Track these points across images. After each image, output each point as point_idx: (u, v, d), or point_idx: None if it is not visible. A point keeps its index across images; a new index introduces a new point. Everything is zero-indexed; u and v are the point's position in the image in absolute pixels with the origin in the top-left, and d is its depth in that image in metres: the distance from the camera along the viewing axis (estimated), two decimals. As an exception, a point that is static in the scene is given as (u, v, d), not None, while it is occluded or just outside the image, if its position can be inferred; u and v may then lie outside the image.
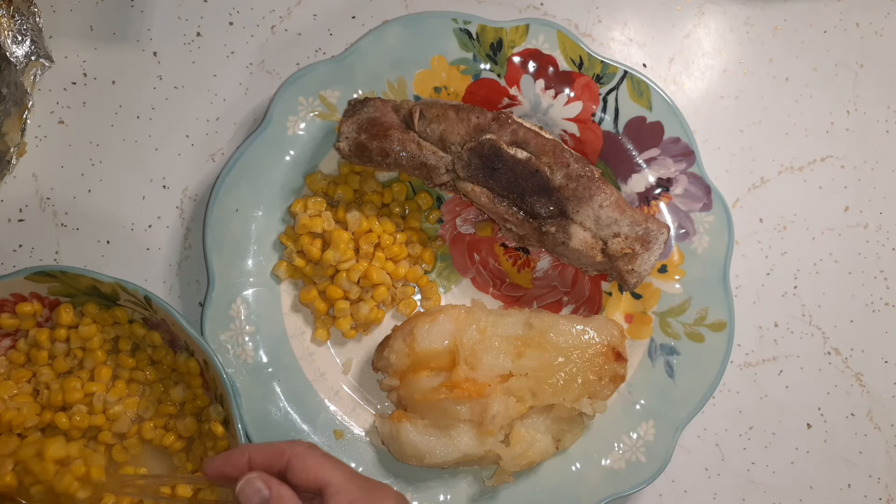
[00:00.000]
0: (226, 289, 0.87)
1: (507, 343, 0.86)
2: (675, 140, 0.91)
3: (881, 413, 1.01)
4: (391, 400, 0.91)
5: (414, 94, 0.91)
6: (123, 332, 0.85)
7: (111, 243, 0.92)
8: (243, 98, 0.95)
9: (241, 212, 0.88)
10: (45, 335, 0.83)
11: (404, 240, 0.92)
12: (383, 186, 0.93)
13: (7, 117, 0.87)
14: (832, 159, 1.03)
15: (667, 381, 0.90)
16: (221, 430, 0.82)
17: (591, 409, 0.87)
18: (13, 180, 0.91)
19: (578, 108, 0.91)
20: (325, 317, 0.91)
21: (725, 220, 0.91)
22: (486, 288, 0.95)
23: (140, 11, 0.95)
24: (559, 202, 0.85)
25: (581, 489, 0.89)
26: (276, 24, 0.96)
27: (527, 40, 0.90)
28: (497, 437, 0.85)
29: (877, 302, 1.02)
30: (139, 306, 0.82)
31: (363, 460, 0.89)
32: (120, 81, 0.94)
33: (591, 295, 0.95)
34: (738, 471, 0.98)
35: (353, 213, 0.89)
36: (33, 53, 0.88)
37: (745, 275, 1.00)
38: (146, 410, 0.84)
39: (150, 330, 0.84)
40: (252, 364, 0.87)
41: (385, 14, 0.96)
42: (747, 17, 1.03)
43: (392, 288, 0.91)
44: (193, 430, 0.84)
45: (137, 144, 0.93)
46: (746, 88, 1.02)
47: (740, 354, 0.99)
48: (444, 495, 0.89)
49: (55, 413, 0.82)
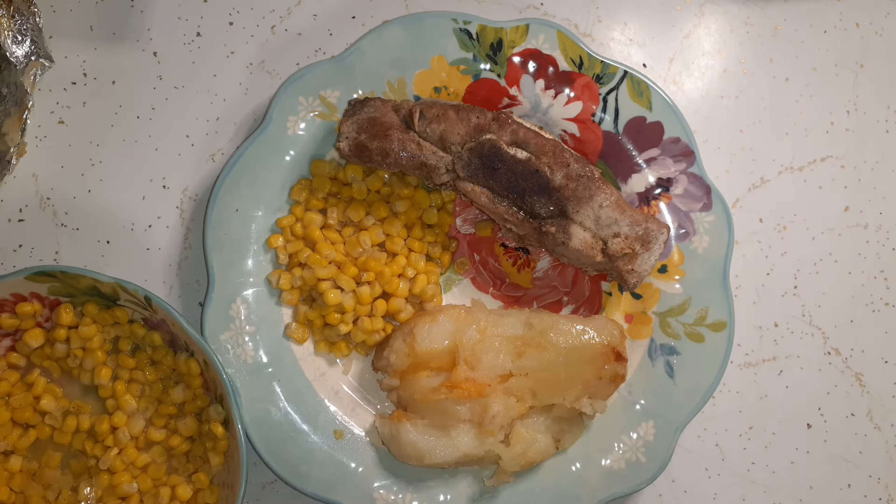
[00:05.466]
0: (226, 289, 0.87)
1: (507, 343, 0.86)
2: (675, 140, 0.91)
3: (881, 413, 1.01)
4: (391, 400, 0.91)
5: (414, 94, 0.91)
6: (123, 333, 0.85)
7: (111, 243, 0.92)
8: (243, 98, 0.95)
9: (241, 212, 0.88)
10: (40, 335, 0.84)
11: (432, 239, 0.92)
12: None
13: (7, 117, 0.87)
14: (832, 159, 1.03)
15: (667, 381, 0.90)
16: (222, 430, 0.82)
17: (591, 409, 0.87)
18: (13, 180, 0.91)
19: (578, 108, 0.91)
20: (324, 330, 0.91)
21: (725, 220, 0.91)
22: (486, 288, 0.95)
23: (140, 11, 0.95)
24: (559, 202, 0.85)
25: (581, 489, 0.89)
26: (276, 24, 0.96)
27: (527, 40, 0.90)
28: (497, 437, 0.85)
29: (877, 302, 1.02)
30: (139, 306, 0.82)
31: (363, 460, 0.89)
32: (120, 81, 0.94)
33: (591, 295, 0.95)
34: (738, 471, 0.98)
35: (369, 217, 0.90)
36: (33, 53, 0.88)
37: (745, 275, 1.00)
38: (146, 410, 0.85)
39: (151, 330, 0.84)
40: (252, 364, 0.87)
41: (385, 14, 0.96)
42: (747, 17, 1.03)
43: (405, 302, 0.91)
44: (194, 431, 0.84)
45: (137, 144, 0.93)
46: (746, 88, 1.02)
47: (740, 354, 0.99)
48: (444, 495, 0.89)
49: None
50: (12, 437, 0.83)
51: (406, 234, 0.91)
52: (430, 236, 0.92)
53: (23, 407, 0.83)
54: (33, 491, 0.82)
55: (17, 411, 0.83)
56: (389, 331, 0.90)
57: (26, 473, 0.83)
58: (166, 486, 0.84)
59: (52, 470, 0.84)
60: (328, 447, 0.88)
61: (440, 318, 0.87)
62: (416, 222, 0.91)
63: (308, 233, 0.89)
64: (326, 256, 0.88)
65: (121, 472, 0.83)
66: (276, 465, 0.86)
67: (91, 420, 0.84)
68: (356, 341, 0.90)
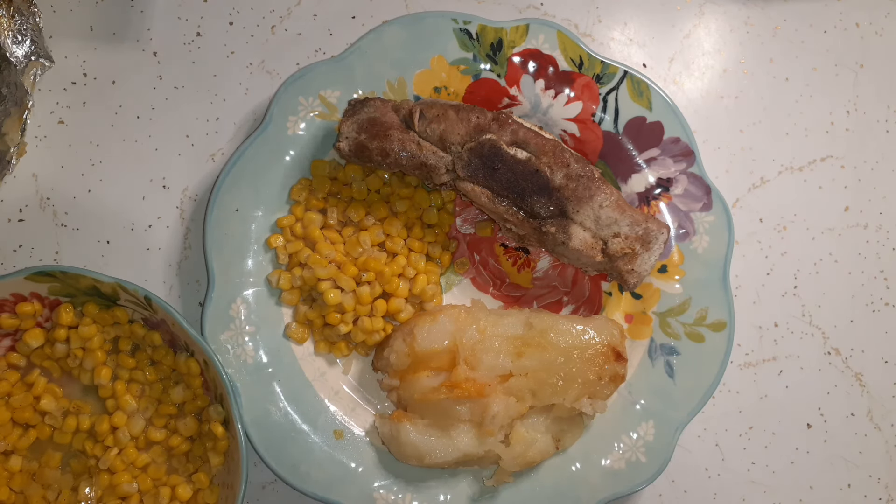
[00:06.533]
0: (226, 289, 0.87)
1: (507, 343, 0.86)
2: (675, 140, 0.91)
3: (881, 413, 1.01)
4: (391, 400, 0.91)
5: (414, 94, 0.91)
6: (123, 333, 0.85)
7: (111, 243, 0.92)
8: (243, 98, 0.95)
9: (241, 212, 0.88)
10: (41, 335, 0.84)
11: (431, 239, 0.92)
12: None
13: (7, 117, 0.87)
14: (832, 159, 1.03)
15: (667, 381, 0.90)
16: (222, 430, 0.82)
17: (591, 409, 0.87)
18: (13, 180, 0.91)
19: (578, 108, 0.91)
20: (324, 330, 0.91)
21: (725, 220, 0.91)
22: (486, 288, 0.95)
23: (140, 11, 0.95)
24: (559, 202, 0.85)
25: (581, 489, 0.89)
26: (276, 24, 0.96)
27: (527, 40, 0.90)
28: (497, 437, 0.85)
29: (877, 302, 1.02)
30: (139, 306, 0.82)
31: (363, 460, 0.89)
32: (120, 81, 0.94)
33: (591, 295, 0.95)
34: (738, 471, 0.98)
35: (369, 217, 0.90)
36: (33, 53, 0.88)
37: (745, 275, 1.00)
38: (146, 410, 0.85)
39: (151, 330, 0.85)
40: (252, 364, 0.87)
41: (385, 14, 0.96)
42: (747, 17, 1.03)
43: (406, 302, 0.91)
44: (194, 431, 0.84)
45: (137, 144, 0.93)
46: (746, 88, 1.02)
47: (740, 354, 0.99)
48: (444, 495, 0.89)
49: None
50: (12, 437, 0.83)
51: (406, 234, 0.91)
52: (430, 236, 0.92)
53: (23, 407, 0.83)
54: (33, 491, 0.82)
55: (18, 411, 0.83)
56: (389, 331, 0.90)
57: (26, 473, 0.83)
58: (166, 486, 0.84)
59: (52, 470, 0.84)
60: (328, 447, 0.88)
61: (440, 318, 0.87)
62: (416, 222, 0.91)
63: (308, 233, 0.89)
64: (326, 256, 0.88)
65: (121, 472, 0.83)
66: (276, 465, 0.86)
67: (91, 420, 0.84)
68: (356, 341, 0.90)
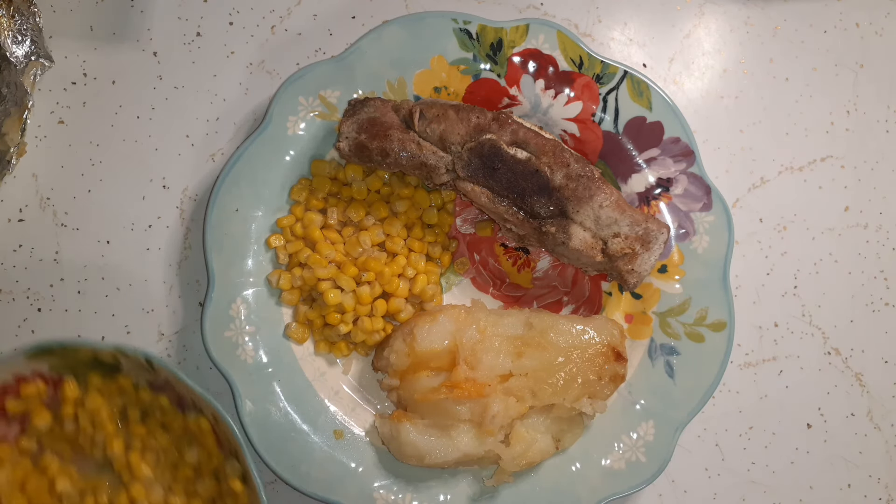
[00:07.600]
0: (226, 289, 0.87)
1: (507, 343, 0.86)
2: (675, 140, 0.91)
3: (881, 413, 1.01)
4: (391, 400, 0.91)
5: (414, 94, 0.91)
6: (130, 400, 0.82)
7: (111, 243, 0.92)
8: (243, 98, 0.95)
9: (241, 212, 0.88)
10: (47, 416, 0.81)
11: (431, 239, 0.92)
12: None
13: (7, 117, 0.87)
14: (832, 159, 1.03)
15: (667, 381, 0.90)
16: (240, 485, 0.78)
17: (591, 409, 0.87)
18: (13, 180, 0.91)
19: (578, 108, 0.91)
20: (324, 330, 0.91)
21: (725, 220, 0.91)
22: (486, 288, 0.95)
23: (140, 11, 0.95)
24: (559, 202, 0.85)
25: (581, 489, 0.89)
26: (276, 24, 0.96)
27: (527, 40, 0.90)
28: (497, 437, 0.85)
29: (877, 302, 1.02)
30: (142, 370, 0.79)
31: (363, 460, 0.89)
32: (120, 81, 0.94)
33: (591, 295, 0.95)
34: (738, 471, 0.98)
35: (369, 217, 0.90)
36: (33, 53, 0.88)
37: (745, 275, 1.00)
38: (163, 477, 0.81)
39: (157, 393, 0.81)
40: (252, 364, 0.87)
41: (385, 14, 0.96)
42: (747, 17, 1.03)
43: (405, 302, 0.91)
44: (213, 491, 0.81)
45: (137, 144, 0.93)
46: (746, 88, 1.02)
47: (740, 354, 0.99)
48: (444, 495, 0.89)
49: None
50: None
51: (406, 234, 0.91)
52: (430, 236, 0.92)
53: (39, 493, 0.80)
54: None
55: (34, 498, 0.80)
56: (389, 331, 0.90)
57: None
58: None
59: None
60: (328, 447, 0.88)
61: (440, 318, 0.87)
62: (416, 222, 0.91)
63: (308, 233, 0.89)
64: (326, 256, 0.88)
65: None
66: (276, 465, 0.86)
67: (108, 496, 0.81)
68: (356, 341, 0.90)
